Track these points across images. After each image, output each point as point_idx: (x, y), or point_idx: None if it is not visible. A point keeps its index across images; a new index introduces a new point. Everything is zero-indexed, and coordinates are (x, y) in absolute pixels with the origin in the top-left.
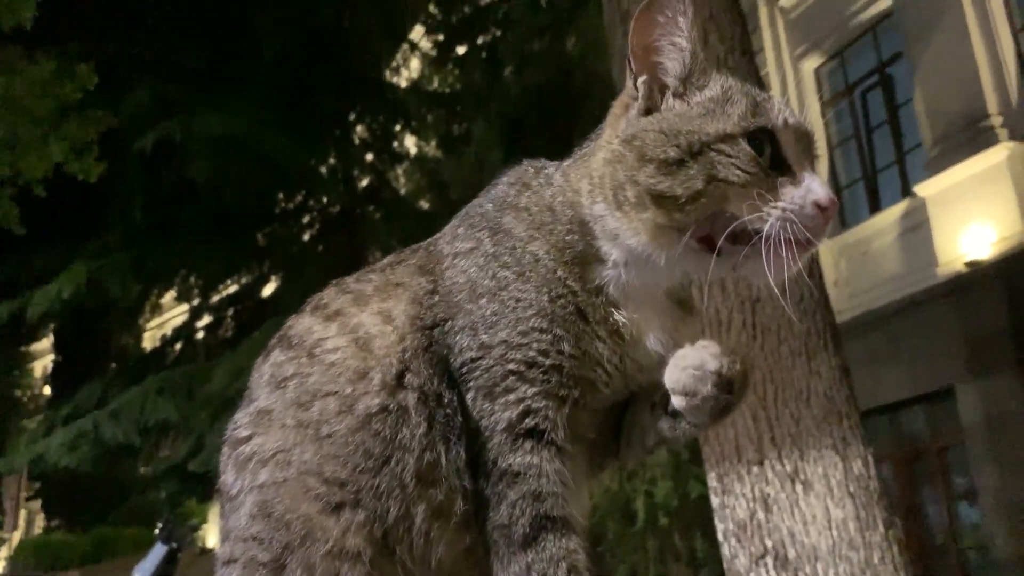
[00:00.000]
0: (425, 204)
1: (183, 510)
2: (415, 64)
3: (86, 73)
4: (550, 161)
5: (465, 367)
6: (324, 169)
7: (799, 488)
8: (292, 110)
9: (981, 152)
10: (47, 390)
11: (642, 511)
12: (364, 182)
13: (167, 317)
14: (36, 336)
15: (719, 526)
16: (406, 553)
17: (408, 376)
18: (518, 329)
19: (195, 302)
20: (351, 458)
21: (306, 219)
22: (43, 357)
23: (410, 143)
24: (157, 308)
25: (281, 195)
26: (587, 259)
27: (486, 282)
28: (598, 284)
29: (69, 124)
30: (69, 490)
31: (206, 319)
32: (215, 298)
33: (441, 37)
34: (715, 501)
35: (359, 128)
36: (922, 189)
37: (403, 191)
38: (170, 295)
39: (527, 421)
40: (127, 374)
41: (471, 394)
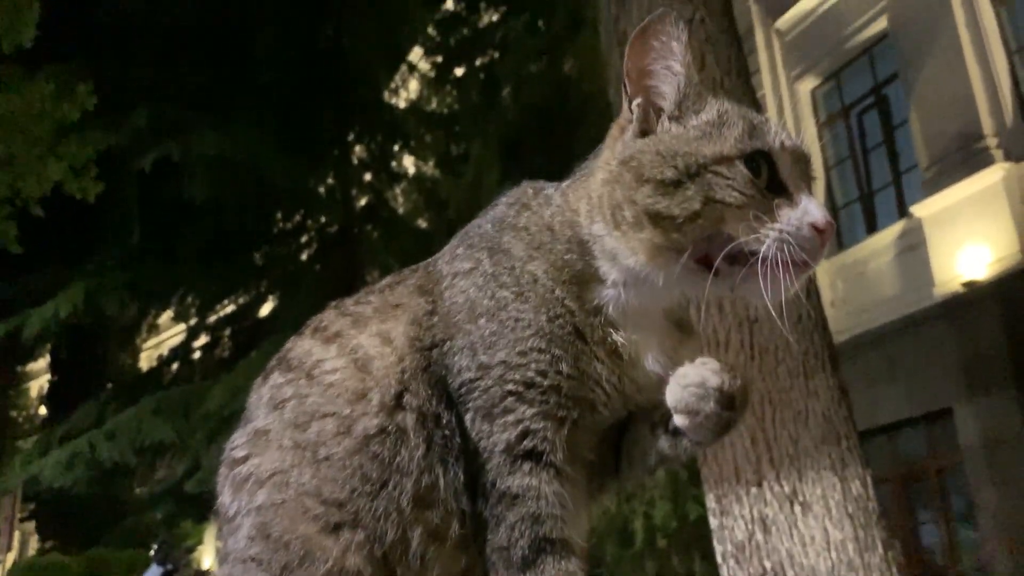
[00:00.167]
0: (423, 223)
1: (179, 531)
2: (414, 85)
3: (85, 93)
4: (549, 182)
5: (464, 388)
6: (322, 189)
7: (798, 509)
8: (291, 131)
9: (977, 173)
10: (43, 410)
11: (640, 533)
12: (362, 201)
13: (164, 337)
14: (33, 355)
15: (718, 548)
16: (405, 574)
17: (407, 397)
18: (517, 349)
19: (192, 322)
20: (349, 481)
21: (304, 239)
22: (39, 377)
23: (408, 163)
24: (154, 328)
25: (279, 215)
26: (585, 279)
27: (485, 302)
28: (596, 304)
29: (68, 144)
30: (64, 511)
31: (203, 339)
32: (212, 318)
33: (440, 58)
34: (714, 522)
35: (357, 148)
36: (918, 210)
37: (401, 210)
38: (167, 315)
39: (525, 442)
40: (123, 394)
41: (470, 415)
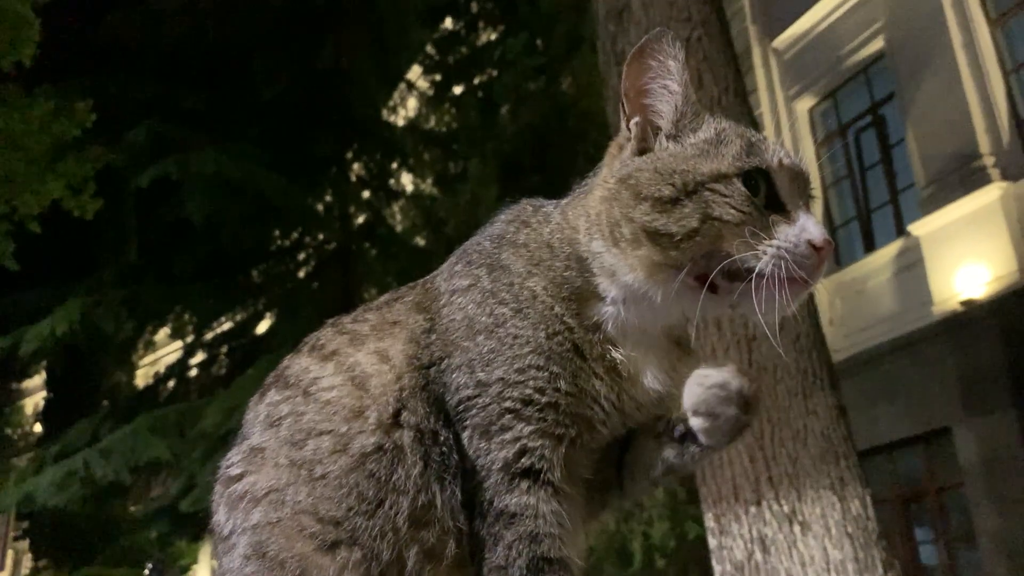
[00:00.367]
0: (421, 241)
1: (173, 550)
2: (412, 103)
3: (84, 111)
4: (548, 200)
5: (461, 405)
6: (320, 206)
7: (797, 529)
8: (289, 148)
9: (974, 192)
10: (38, 427)
11: (639, 552)
12: (360, 219)
13: (161, 354)
14: (28, 372)
15: (716, 567)
16: None
17: (404, 415)
18: (515, 366)
19: (189, 339)
20: (345, 499)
21: (301, 256)
22: (35, 394)
23: (406, 181)
24: (150, 345)
25: (277, 232)
26: (584, 296)
27: (483, 319)
28: (595, 321)
29: (66, 161)
30: (57, 530)
31: (200, 356)
32: (209, 335)
33: (438, 77)
34: (712, 542)
35: (356, 166)
36: (916, 228)
37: (399, 228)
38: (164, 332)
39: (523, 460)
40: (119, 412)
41: (467, 433)
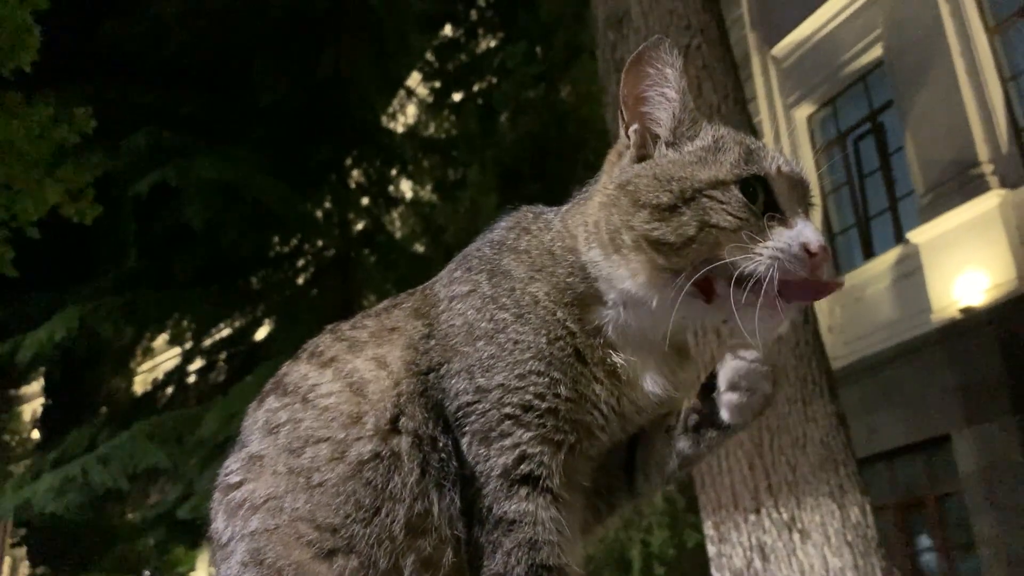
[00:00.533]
0: (420, 248)
1: (171, 558)
2: (412, 110)
3: (84, 117)
4: (548, 207)
5: (461, 411)
6: (319, 213)
7: (796, 537)
8: (288, 155)
9: (973, 199)
10: (36, 434)
11: (638, 560)
12: (359, 226)
13: (159, 361)
14: (26, 379)
15: (716, 575)
16: None
17: (402, 420)
18: (515, 372)
19: (187, 345)
20: (343, 507)
21: (300, 263)
22: (33, 400)
23: (406, 187)
24: (149, 351)
25: (276, 239)
26: (587, 301)
27: (483, 324)
28: (597, 325)
29: (66, 167)
30: (55, 537)
31: (198, 363)
32: (208, 342)
33: (438, 84)
34: (712, 550)
35: (355, 172)
36: (915, 236)
37: (398, 235)
38: (162, 338)
39: (523, 467)
40: (117, 418)
41: (466, 439)
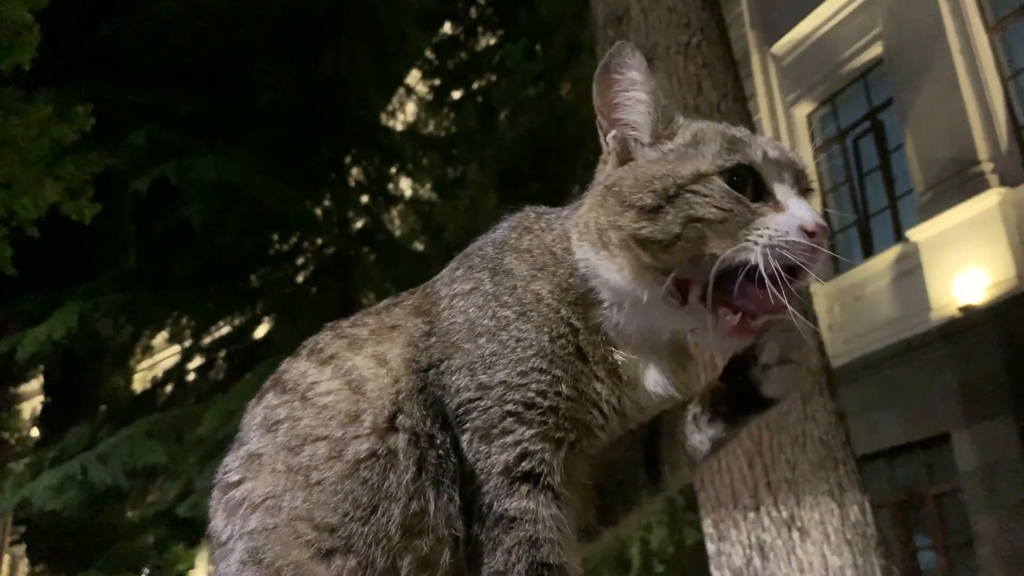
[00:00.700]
0: (419, 246)
1: (170, 556)
2: (411, 108)
3: (83, 115)
4: (551, 208)
5: (462, 408)
6: (319, 211)
7: (796, 535)
8: (288, 153)
9: (973, 198)
10: (35, 432)
11: (637, 559)
12: (359, 224)
13: (158, 358)
14: (25, 377)
15: (715, 574)
16: None
17: (400, 418)
18: (517, 370)
19: (187, 343)
20: (341, 505)
21: (300, 261)
22: (32, 399)
23: (405, 186)
24: (148, 349)
25: (275, 237)
26: (589, 300)
27: (485, 322)
28: (597, 323)
29: (65, 165)
30: (54, 535)
31: (197, 361)
32: (207, 340)
33: (437, 82)
34: (711, 548)
35: (354, 171)
36: (915, 234)
37: (398, 234)
38: (161, 336)
39: (524, 464)
40: (116, 416)
41: (467, 436)
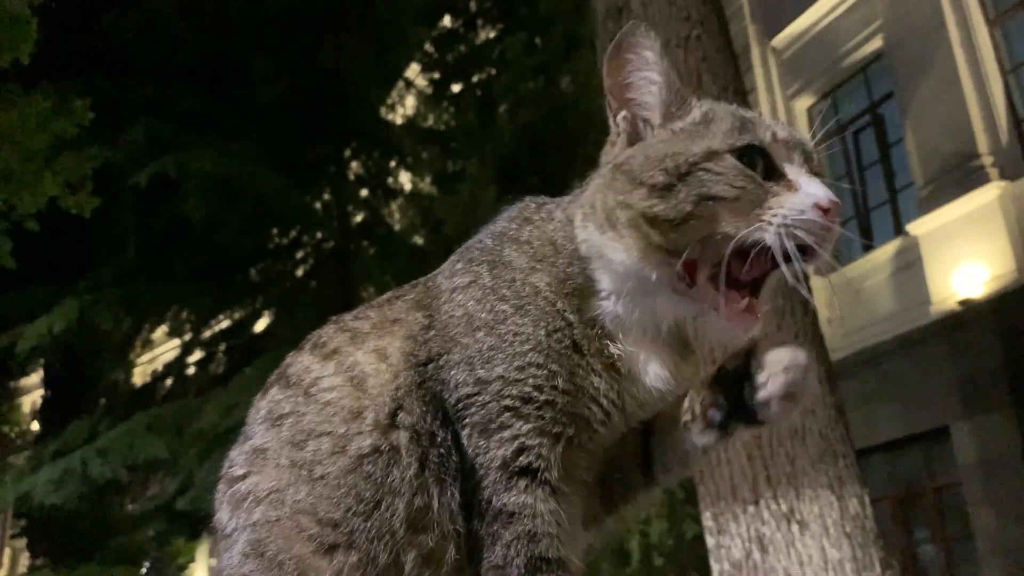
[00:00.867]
0: (419, 240)
1: (171, 549)
2: (410, 101)
3: (82, 109)
4: (551, 198)
5: (460, 403)
6: (318, 205)
7: (795, 528)
8: (287, 148)
9: (973, 191)
10: (35, 425)
11: (636, 552)
12: (358, 218)
13: (158, 352)
14: (26, 371)
15: (714, 567)
16: None
17: (401, 415)
18: (515, 364)
19: (187, 337)
20: (344, 500)
21: (299, 255)
22: (32, 392)
23: (404, 179)
24: (148, 343)
25: (275, 231)
26: (586, 292)
27: (483, 315)
28: (594, 315)
29: (64, 159)
30: (54, 528)
31: (197, 355)
32: (207, 334)
33: (437, 75)
34: (710, 541)
35: (354, 164)
36: (914, 228)
37: (397, 227)
38: (161, 330)
39: (521, 459)
40: (116, 410)
41: (466, 431)
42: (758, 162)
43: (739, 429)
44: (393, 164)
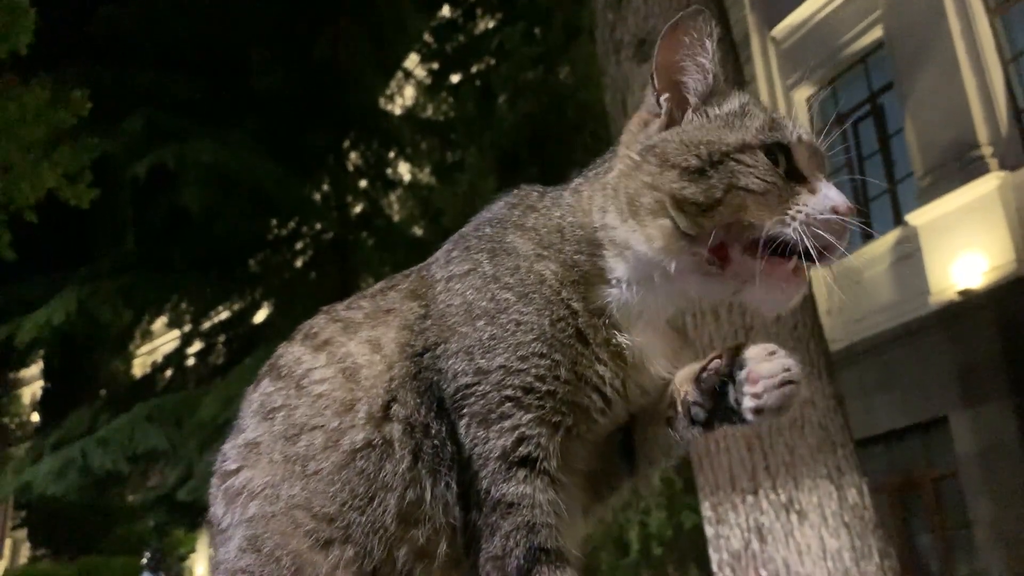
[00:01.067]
0: (418, 231)
1: (171, 540)
2: (409, 92)
3: (80, 100)
4: (548, 187)
5: (459, 394)
6: (317, 196)
7: (794, 518)
8: (286, 139)
9: (972, 182)
10: (35, 417)
11: (636, 542)
12: (357, 209)
13: (158, 343)
14: (25, 362)
15: (713, 556)
16: None
17: (395, 407)
18: (518, 354)
19: (186, 328)
20: (339, 495)
21: (299, 246)
22: (32, 383)
23: (404, 170)
24: (147, 334)
25: (274, 222)
26: (592, 280)
27: (484, 304)
28: (600, 305)
29: (62, 150)
30: (56, 519)
31: (197, 346)
32: (206, 325)
33: (436, 65)
34: (709, 531)
35: (353, 155)
36: (914, 218)
37: (396, 218)
38: (161, 321)
39: (521, 449)
40: (116, 401)
41: (464, 421)
42: (781, 161)
43: (723, 427)
44: (392, 155)
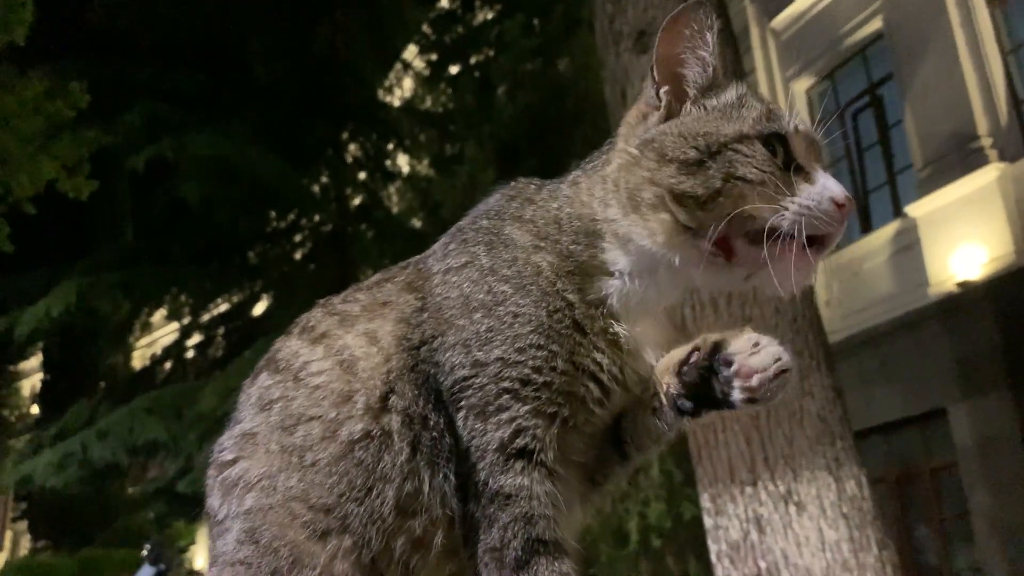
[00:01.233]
0: (417, 223)
1: (171, 531)
2: (408, 83)
3: (79, 92)
4: (545, 180)
5: (456, 386)
6: (316, 188)
7: (792, 509)
8: (285, 131)
9: (971, 173)
10: (35, 409)
11: (635, 533)
12: (356, 201)
13: (157, 336)
14: (25, 354)
15: (712, 547)
16: None
17: (393, 399)
18: (515, 346)
19: (185, 321)
20: (336, 487)
21: (298, 238)
22: (32, 376)
23: (403, 162)
24: (147, 327)
25: (273, 214)
26: (589, 271)
27: (481, 296)
28: (598, 296)
29: (61, 142)
30: (56, 511)
31: (196, 338)
32: (206, 317)
33: (434, 57)
34: (708, 522)
35: (352, 147)
36: (913, 210)
37: (395, 210)
38: (160, 313)
39: (518, 441)
40: (116, 393)
41: (462, 413)
42: (779, 151)
43: (712, 413)
44: (391, 146)
